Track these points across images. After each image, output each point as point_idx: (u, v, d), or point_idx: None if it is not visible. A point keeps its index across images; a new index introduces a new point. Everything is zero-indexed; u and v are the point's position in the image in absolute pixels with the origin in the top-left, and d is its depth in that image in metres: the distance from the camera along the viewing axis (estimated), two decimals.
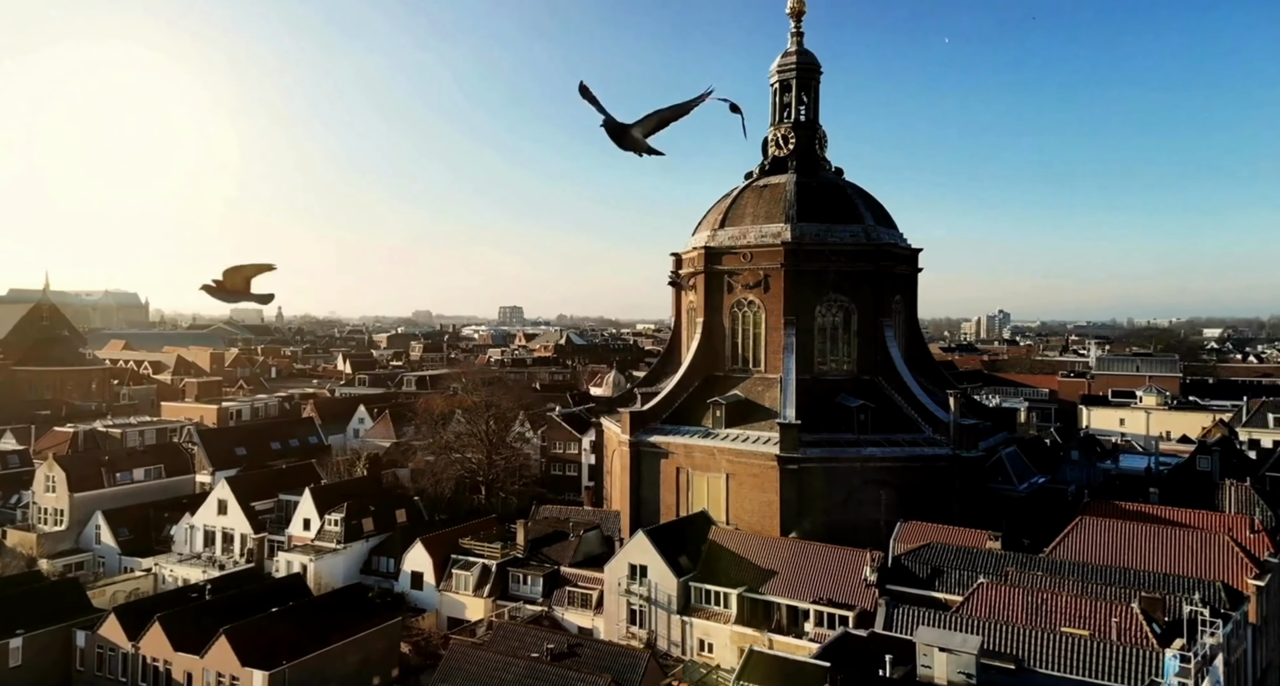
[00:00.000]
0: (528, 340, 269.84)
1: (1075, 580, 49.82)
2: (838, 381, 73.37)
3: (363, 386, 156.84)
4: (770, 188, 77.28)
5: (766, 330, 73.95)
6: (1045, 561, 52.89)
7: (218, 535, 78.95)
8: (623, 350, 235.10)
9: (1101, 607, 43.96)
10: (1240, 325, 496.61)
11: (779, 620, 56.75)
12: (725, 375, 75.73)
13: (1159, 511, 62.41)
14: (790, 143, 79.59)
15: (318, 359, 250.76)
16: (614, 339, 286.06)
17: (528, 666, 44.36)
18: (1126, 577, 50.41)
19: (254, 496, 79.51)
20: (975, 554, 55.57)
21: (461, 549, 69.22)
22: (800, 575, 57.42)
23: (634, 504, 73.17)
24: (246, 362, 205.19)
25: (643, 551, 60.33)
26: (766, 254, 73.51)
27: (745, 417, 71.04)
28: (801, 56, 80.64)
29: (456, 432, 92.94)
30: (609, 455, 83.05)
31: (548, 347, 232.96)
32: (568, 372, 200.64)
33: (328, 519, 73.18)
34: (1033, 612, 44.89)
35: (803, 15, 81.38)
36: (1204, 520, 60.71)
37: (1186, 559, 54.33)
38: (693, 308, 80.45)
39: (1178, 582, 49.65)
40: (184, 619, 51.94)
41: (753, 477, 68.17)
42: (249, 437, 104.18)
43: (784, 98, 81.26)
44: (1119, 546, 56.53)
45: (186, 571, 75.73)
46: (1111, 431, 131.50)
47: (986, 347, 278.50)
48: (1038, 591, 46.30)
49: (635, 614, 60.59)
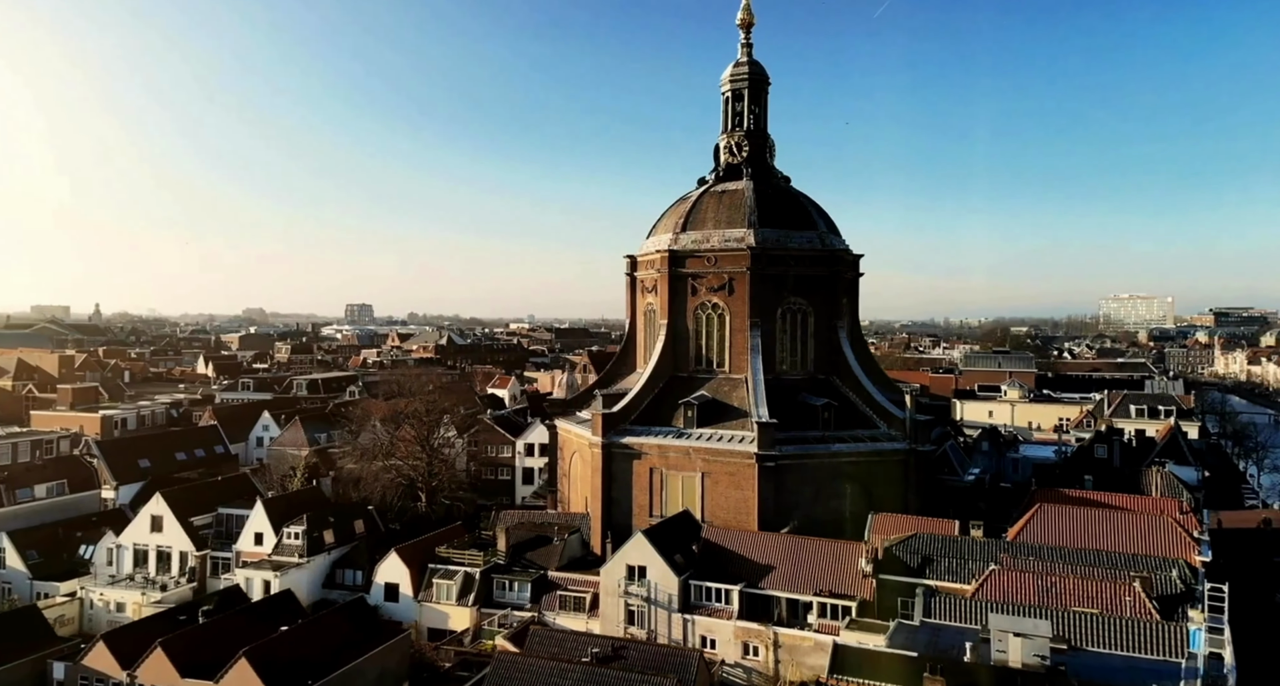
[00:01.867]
0: (401, 340, 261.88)
1: (1060, 563, 54.51)
2: (797, 381, 76.50)
3: (247, 391, 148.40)
4: (729, 194, 79.53)
5: (731, 332, 76.14)
6: (1030, 547, 57.43)
7: (151, 554, 73.60)
8: (507, 350, 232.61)
9: (1107, 587, 48.50)
10: (1040, 325, 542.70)
11: (779, 613, 58.94)
12: (689, 376, 77.38)
13: (1099, 496, 68.86)
14: (744, 150, 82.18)
15: (169, 361, 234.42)
16: (488, 338, 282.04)
17: (585, 671, 44.45)
18: (1100, 559, 55.54)
19: (191, 511, 74.64)
20: (961, 542, 59.66)
21: (438, 558, 67.69)
22: (798, 569, 59.79)
23: (605, 505, 73.65)
24: (96, 366, 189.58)
25: (641, 552, 61.05)
26: (731, 258, 75.70)
27: (716, 417, 72.93)
28: (752, 67, 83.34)
29: (399, 439, 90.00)
30: (566, 457, 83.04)
31: (427, 348, 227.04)
32: (456, 374, 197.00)
33: (287, 532, 69.75)
34: (1044, 595, 48.96)
35: (752, 27, 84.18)
36: (1139, 504, 67.60)
37: (1139, 539, 60.40)
38: (651, 309, 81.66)
39: (1144, 562, 55.22)
40: (187, 643, 48.66)
41: (729, 476, 70.14)
42: (151, 449, 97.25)
43: (736, 106, 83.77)
44: (1077, 530, 62.07)
45: (121, 594, 70.34)
46: (981, 422, 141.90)
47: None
48: (1045, 575, 50.49)
49: (633, 614, 61.31)
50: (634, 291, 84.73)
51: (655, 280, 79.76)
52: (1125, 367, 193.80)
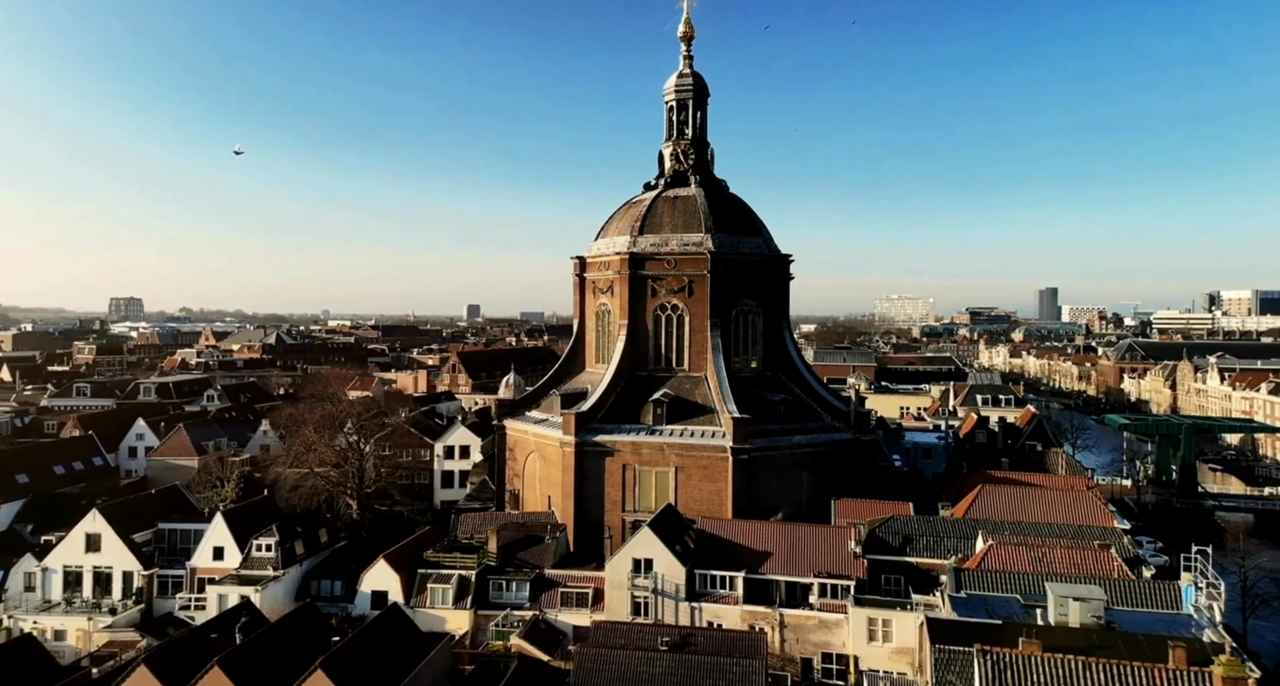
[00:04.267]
0: (217, 339, 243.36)
1: (1024, 536, 62.25)
2: (749, 378, 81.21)
3: (84, 397, 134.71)
4: (682, 199, 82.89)
5: (691, 332, 79.59)
6: (993, 524, 65.00)
7: (87, 576, 67.15)
8: (342, 350, 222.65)
9: (1089, 556, 56.37)
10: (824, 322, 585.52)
11: (779, 596, 63.22)
12: (649, 375, 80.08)
13: (1021, 477, 78.32)
14: (690, 157, 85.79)
15: None
16: (305, 337, 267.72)
17: (673, 659, 46.57)
18: (1049, 530, 63.93)
19: (130, 528, 68.74)
20: (935, 522, 66.52)
21: (428, 563, 66.63)
22: (794, 554, 64.28)
23: (578, 503, 75.02)
24: None
25: (648, 545, 63.39)
26: (691, 261, 79.14)
27: (684, 414, 76.19)
28: (695, 78, 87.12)
29: (325, 445, 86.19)
30: (520, 458, 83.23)
31: (253, 348, 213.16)
32: (297, 376, 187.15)
33: (256, 544, 66.08)
34: (1037, 563, 56.15)
35: (692, 39, 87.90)
36: (1054, 481, 77.62)
37: (1068, 512, 69.73)
38: (605, 309, 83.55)
39: (1084, 532, 64.17)
40: (243, 659, 46.08)
41: (702, 469, 73.67)
42: (28, 463, 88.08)
43: (680, 115, 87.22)
44: (1016, 506, 70.71)
45: (60, 621, 64.09)
46: None
47: None
48: (1034, 546, 57.78)
49: (638, 605, 63.52)
50: (583, 292, 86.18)
51: (612, 281, 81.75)
52: (934, 362, 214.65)
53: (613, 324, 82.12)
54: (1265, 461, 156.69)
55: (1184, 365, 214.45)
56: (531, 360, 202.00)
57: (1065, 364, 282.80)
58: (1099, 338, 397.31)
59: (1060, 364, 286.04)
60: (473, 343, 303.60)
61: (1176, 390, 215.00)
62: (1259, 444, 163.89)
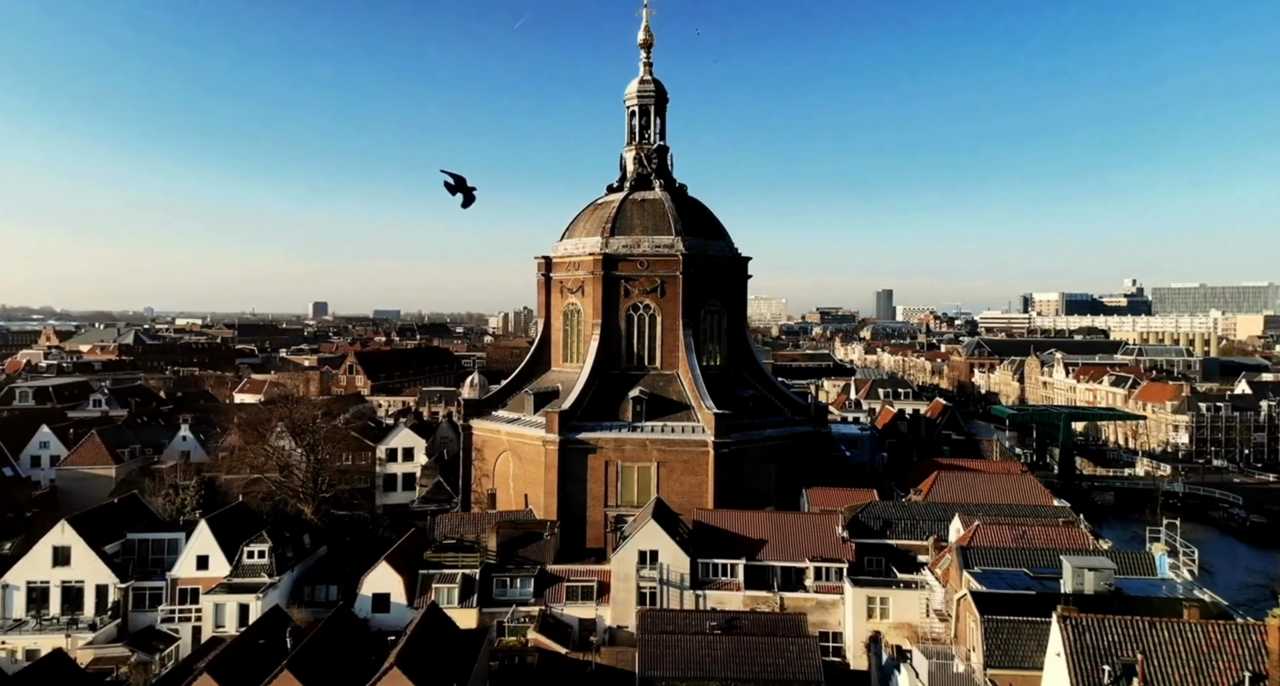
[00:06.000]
0: (61, 339, 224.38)
1: (1001, 516, 68.38)
2: (716, 375, 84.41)
3: None
4: (649, 202, 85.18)
5: (663, 331, 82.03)
6: (962, 506, 70.90)
7: (54, 592, 62.78)
8: (208, 349, 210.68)
9: (1060, 532, 62.75)
10: None
11: (776, 581, 66.83)
12: (622, 372, 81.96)
13: (964, 463, 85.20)
14: (653, 162, 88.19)
15: None
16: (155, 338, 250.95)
17: (732, 641, 49.14)
18: (1014, 511, 70.50)
19: (99, 539, 64.68)
20: (911, 507, 71.88)
21: (428, 563, 66.23)
22: (787, 540, 68.02)
23: (561, 500, 76.11)
24: None
25: (654, 538, 65.64)
26: (663, 263, 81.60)
27: (661, 411, 78.64)
28: (656, 85, 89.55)
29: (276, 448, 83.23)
30: (490, 457, 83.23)
31: (108, 349, 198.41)
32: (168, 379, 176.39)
33: (247, 551, 63.74)
34: (1020, 540, 62.09)
35: (652, 47, 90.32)
36: (993, 466, 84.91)
37: (1015, 493, 76.78)
38: (574, 308, 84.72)
39: (1043, 510, 71.15)
40: (309, 662, 45.24)
41: (684, 463, 76.39)
42: None
43: (643, 120, 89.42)
44: (969, 490, 77.22)
45: (33, 640, 59.68)
46: None
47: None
48: (1016, 524, 63.71)
49: (644, 596, 65.61)
50: (548, 291, 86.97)
51: (583, 281, 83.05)
52: (815, 358, 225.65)
53: (584, 323, 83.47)
54: (1109, 445, 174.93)
55: (1031, 360, 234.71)
56: (434, 361, 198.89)
57: (919, 360, 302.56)
58: (938, 336, 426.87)
59: (914, 359, 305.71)
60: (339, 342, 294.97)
61: (1024, 383, 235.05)
62: (1101, 430, 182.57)
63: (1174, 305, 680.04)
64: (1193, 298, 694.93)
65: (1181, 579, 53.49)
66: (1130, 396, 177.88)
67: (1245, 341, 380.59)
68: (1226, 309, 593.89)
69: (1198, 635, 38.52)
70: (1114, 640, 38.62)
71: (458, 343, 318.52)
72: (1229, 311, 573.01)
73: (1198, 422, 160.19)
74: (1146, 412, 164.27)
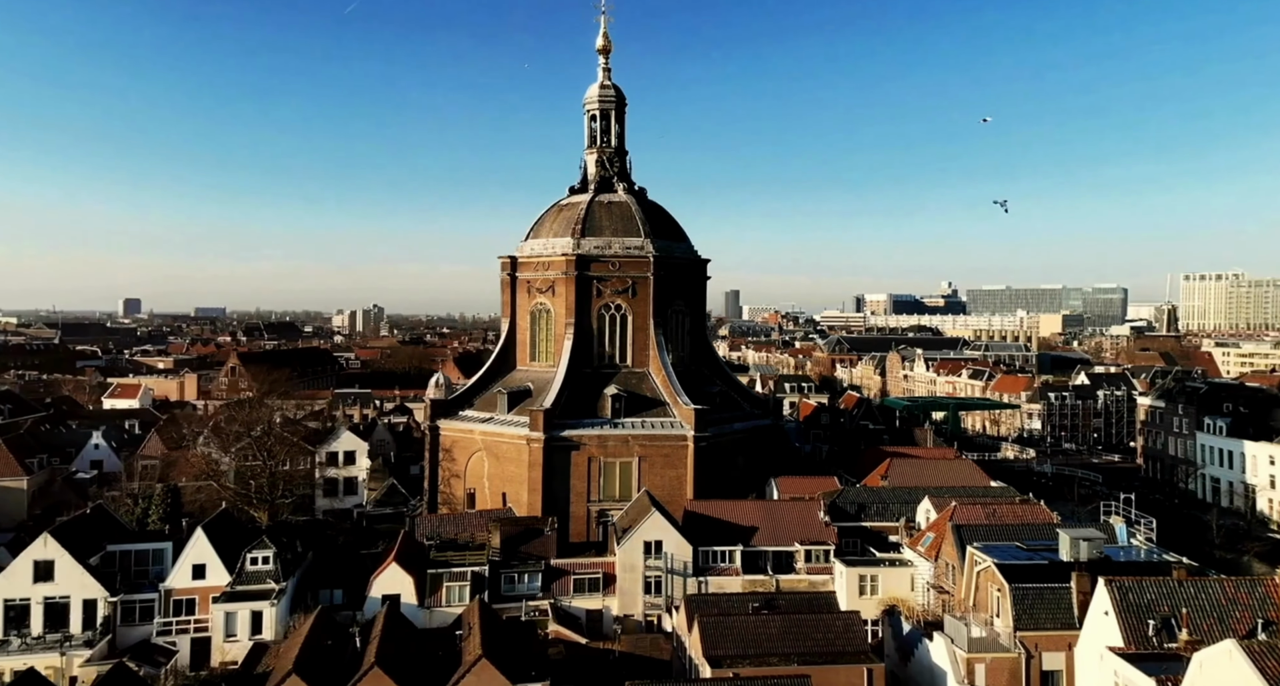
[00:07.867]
0: None
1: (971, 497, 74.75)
2: (681, 372, 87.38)
3: None
4: (616, 205, 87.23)
5: (634, 330, 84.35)
6: (926, 490, 77.09)
7: (36, 609, 58.61)
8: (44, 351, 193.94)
9: (1026, 510, 69.76)
10: None
11: (768, 565, 70.83)
12: (594, 371, 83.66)
13: (907, 451, 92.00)
14: (615, 165, 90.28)
15: None
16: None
17: (784, 619, 52.48)
18: (970, 492, 77.36)
19: (81, 552, 60.79)
20: (881, 491, 77.52)
21: (436, 562, 66.15)
22: (776, 527, 72.10)
23: (546, 495, 77.24)
24: None
25: (658, 529, 68.25)
26: (634, 264, 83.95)
27: (638, 408, 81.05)
28: (615, 90, 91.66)
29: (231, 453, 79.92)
30: (461, 458, 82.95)
31: None
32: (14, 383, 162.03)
33: (250, 557, 61.70)
34: (991, 517, 68.60)
35: (610, 52, 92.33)
36: (930, 453, 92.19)
37: (959, 477, 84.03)
38: (543, 308, 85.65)
39: (993, 491, 78.48)
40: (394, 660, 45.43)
41: (664, 457, 79.14)
42: None
43: (603, 124, 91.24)
44: (919, 474, 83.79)
45: (20, 661, 55.62)
46: None
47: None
48: (986, 504, 70.23)
49: (649, 585, 68.11)
50: (514, 291, 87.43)
51: (553, 281, 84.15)
52: None
53: (555, 323, 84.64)
54: (969, 432, 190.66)
55: (893, 355, 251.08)
56: (315, 362, 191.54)
57: (783, 356, 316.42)
58: (790, 333, 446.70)
59: (778, 356, 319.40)
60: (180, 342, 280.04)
61: (886, 377, 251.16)
62: (962, 419, 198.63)
63: (985, 305, 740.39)
64: (1000, 299, 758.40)
65: (1144, 545, 61.06)
66: (987, 388, 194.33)
67: (1049, 338, 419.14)
68: (1030, 308, 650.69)
69: (1216, 590, 45.03)
70: (1152, 598, 44.54)
71: (321, 341, 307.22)
72: (1032, 311, 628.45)
73: (1049, 410, 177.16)
74: (1004, 402, 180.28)
